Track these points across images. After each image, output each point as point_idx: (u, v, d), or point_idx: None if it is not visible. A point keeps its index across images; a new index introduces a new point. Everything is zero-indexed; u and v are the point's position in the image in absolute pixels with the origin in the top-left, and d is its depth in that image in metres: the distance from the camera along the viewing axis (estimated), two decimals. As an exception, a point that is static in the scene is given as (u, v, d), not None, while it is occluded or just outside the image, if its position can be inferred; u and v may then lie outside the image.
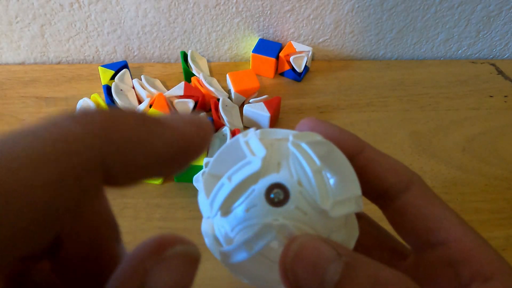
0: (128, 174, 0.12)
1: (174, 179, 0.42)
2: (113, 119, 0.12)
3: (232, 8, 0.54)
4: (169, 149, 0.12)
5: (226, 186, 0.17)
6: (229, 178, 0.17)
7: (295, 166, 0.17)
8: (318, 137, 0.18)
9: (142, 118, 0.12)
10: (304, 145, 0.17)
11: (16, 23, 0.53)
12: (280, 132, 0.19)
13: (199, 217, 0.26)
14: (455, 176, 0.44)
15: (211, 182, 0.18)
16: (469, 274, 0.17)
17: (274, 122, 0.48)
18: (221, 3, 0.53)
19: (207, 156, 0.42)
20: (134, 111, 0.13)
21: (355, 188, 0.18)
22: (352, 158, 0.20)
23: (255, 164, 0.16)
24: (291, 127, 0.52)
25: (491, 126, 0.50)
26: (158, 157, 0.12)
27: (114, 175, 0.12)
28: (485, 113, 0.51)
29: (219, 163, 0.18)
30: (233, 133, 0.44)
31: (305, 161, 0.17)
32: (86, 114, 0.11)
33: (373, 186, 0.20)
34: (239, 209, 0.17)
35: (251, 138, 0.18)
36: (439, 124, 0.50)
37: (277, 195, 0.16)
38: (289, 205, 0.16)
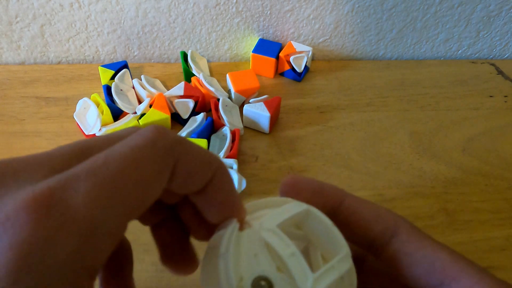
0: (182, 185, 0.18)
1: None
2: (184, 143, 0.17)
3: (232, 8, 0.54)
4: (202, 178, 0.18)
5: None
6: None
7: (271, 253, 0.18)
8: (289, 212, 0.19)
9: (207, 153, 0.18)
10: (275, 230, 0.18)
11: (16, 23, 0.53)
12: (255, 208, 0.20)
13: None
14: (455, 176, 0.44)
15: None
16: None
17: (274, 122, 0.48)
18: (221, 3, 0.53)
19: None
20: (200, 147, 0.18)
21: (338, 248, 0.19)
22: (335, 211, 0.21)
23: None
24: (291, 127, 0.52)
25: (491, 126, 0.50)
26: (197, 182, 0.18)
27: (174, 183, 0.17)
28: (485, 113, 0.51)
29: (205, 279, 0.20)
30: (233, 133, 0.44)
31: (278, 247, 0.18)
32: (166, 132, 0.17)
33: (359, 237, 0.20)
34: None
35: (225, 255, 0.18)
36: (439, 124, 0.50)
37: (263, 286, 0.18)
38: None
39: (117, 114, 0.47)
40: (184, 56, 0.53)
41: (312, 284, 0.17)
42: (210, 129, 0.45)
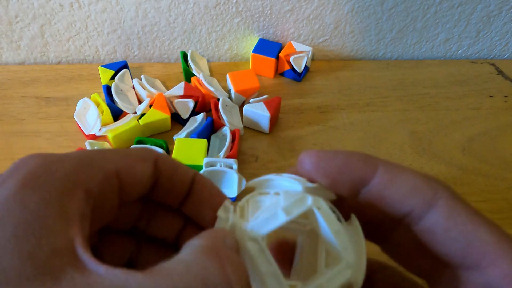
0: (168, 184, 0.20)
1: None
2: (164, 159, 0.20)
3: (232, 8, 0.54)
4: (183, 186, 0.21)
5: None
6: None
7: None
8: (286, 215, 0.18)
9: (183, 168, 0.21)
10: (260, 243, 0.17)
11: (16, 23, 0.53)
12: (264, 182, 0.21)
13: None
14: (455, 176, 0.44)
15: None
16: None
17: (274, 122, 0.48)
18: (221, 3, 0.53)
19: (207, 155, 0.42)
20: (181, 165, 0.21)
21: (345, 257, 0.18)
22: (365, 185, 0.19)
23: None
24: (290, 127, 0.52)
25: (491, 126, 0.50)
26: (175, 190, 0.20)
27: (158, 185, 0.20)
28: (485, 113, 0.51)
29: None
30: (233, 133, 0.44)
31: (260, 263, 0.17)
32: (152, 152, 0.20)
33: (394, 210, 0.19)
34: None
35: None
36: (439, 124, 0.50)
37: None
38: None
39: (117, 114, 0.47)
40: (184, 56, 0.53)
41: None
42: (210, 129, 0.45)
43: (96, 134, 0.45)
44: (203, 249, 0.16)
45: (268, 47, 0.54)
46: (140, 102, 0.49)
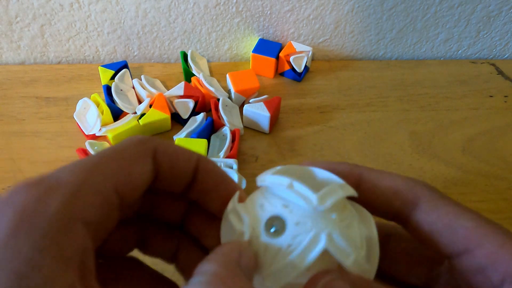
0: (169, 174, 0.19)
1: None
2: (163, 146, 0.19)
3: (232, 8, 0.54)
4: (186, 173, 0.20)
5: None
6: None
7: (274, 197, 0.19)
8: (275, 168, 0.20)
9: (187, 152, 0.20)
10: (268, 176, 0.19)
11: (16, 23, 0.53)
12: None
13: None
14: (455, 176, 0.44)
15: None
16: (499, 276, 0.17)
17: (274, 122, 0.48)
18: (221, 3, 0.53)
19: (207, 156, 0.42)
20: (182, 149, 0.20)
21: (335, 181, 0.19)
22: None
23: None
24: (291, 127, 0.52)
25: (491, 126, 0.50)
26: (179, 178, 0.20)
27: (161, 173, 0.19)
28: (485, 113, 0.51)
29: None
30: (233, 133, 0.44)
31: (277, 182, 0.19)
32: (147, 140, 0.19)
33: (382, 212, 0.20)
34: None
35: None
36: (439, 124, 0.50)
37: (277, 226, 0.18)
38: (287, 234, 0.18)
39: (117, 114, 0.47)
40: (184, 56, 0.53)
41: (318, 200, 0.17)
42: (210, 129, 0.45)
43: (96, 134, 0.45)
44: (215, 279, 0.15)
45: (268, 47, 0.54)
46: (140, 102, 0.49)
